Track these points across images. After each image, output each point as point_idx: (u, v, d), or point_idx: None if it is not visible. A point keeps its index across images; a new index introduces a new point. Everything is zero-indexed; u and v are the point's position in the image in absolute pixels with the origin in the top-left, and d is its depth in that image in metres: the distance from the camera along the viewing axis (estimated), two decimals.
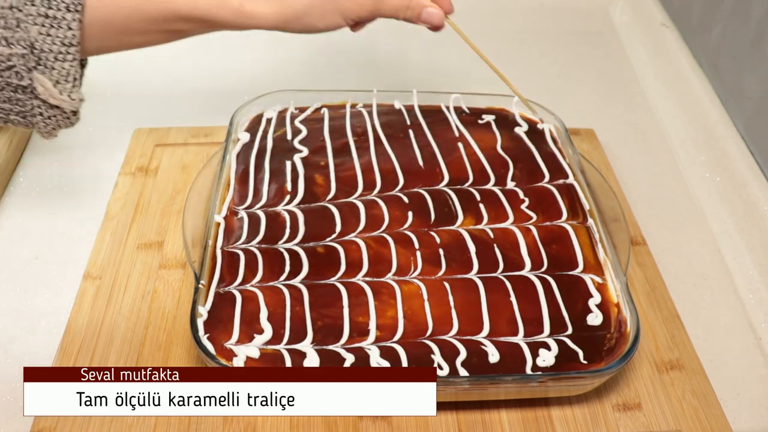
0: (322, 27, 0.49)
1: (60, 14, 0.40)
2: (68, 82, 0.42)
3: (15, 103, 0.42)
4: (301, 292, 0.51)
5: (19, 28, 0.39)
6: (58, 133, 0.46)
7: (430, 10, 0.53)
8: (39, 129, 0.45)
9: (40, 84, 0.41)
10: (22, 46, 0.40)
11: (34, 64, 0.40)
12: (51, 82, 0.41)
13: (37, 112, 0.43)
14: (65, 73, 0.42)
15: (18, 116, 0.43)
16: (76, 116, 0.45)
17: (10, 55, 0.39)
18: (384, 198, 0.58)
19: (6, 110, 0.43)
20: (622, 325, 0.50)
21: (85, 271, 0.58)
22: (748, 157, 0.67)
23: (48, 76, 0.41)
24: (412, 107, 0.69)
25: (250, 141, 0.63)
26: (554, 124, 0.66)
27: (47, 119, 0.44)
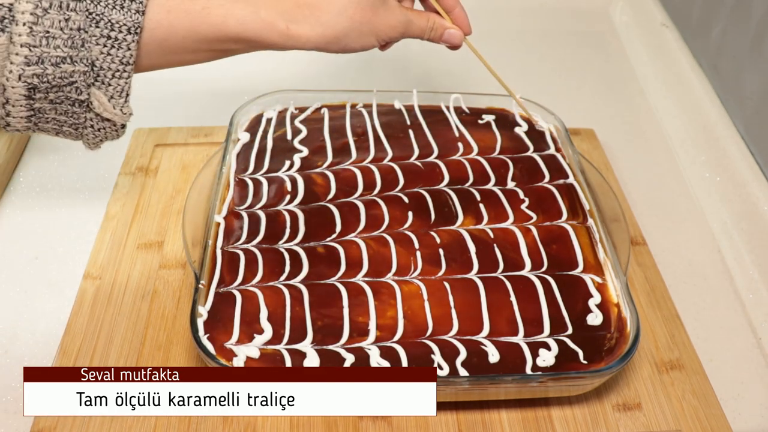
0: (358, 48, 0.52)
1: (121, 36, 0.44)
2: (121, 97, 0.46)
3: (71, 116, 0.46)
4: (301, 292, 0.51)
5: (83, 48, 0.43)
6: (102, 144, 0.49)
7: (451, 32, 0.57)
8: (87, 140, 0.48)
9: (96, 99, 0.45)
10: (84, 63, 0.43)
11: (93, 80, 0.44)
12: (106, 97, 0.45)
13: (89, 125, 0.47)
14: (120, 89, 0.45)
15: (71, 128, 0.47)
16: (123, 129, 0.49)
17: (73, 71, 0.43)
18: (384, 198, 0.58)
19: (61, 122, 0.46)
20: (622, 325, 0.50)
21: (85, 271, 0.58)
22: (748, 157, 0.67)
23: (104, 91, 0.45)
24: (412, 107, 0.69)
25: (250, 141, 0.63)
26: (554, 124, 0.66)
27: (97, 131, 0.48)
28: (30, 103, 0.43)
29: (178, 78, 0.80)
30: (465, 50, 0.61)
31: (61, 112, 0.45)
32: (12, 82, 0.42)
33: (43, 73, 0.42)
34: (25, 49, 0.41)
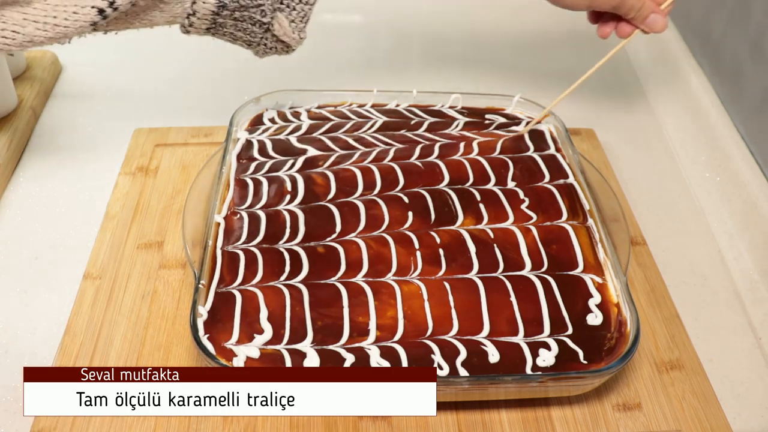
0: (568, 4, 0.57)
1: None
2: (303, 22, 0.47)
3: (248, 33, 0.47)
4: (301, 292, 0.51)
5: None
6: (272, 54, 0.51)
7: (656, 17, 0.59)
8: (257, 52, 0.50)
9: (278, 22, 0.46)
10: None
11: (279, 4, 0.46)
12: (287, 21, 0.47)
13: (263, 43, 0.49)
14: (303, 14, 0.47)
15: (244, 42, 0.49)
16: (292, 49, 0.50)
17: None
18: (384, 198, 0.58)
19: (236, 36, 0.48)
20: (622, 325, 0.50)
21: (85, 271, 0.58)
22: (748, 157, 0.67)
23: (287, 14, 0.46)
24: (412, 107, 0.69)
25: (250, 141, 0.63)
26: (554, 124, 0.66)
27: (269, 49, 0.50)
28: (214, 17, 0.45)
29: (178, 78, 0.81)
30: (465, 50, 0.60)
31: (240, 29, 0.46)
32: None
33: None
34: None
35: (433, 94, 0.69)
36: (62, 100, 0.77)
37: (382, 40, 0.83)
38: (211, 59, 0.83)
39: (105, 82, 0.79)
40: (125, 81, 0.79)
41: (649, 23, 0.59)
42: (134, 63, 0.83)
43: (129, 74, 0.81)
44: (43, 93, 0.75)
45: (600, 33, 0.62)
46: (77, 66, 0.81)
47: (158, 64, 0.81)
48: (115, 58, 0.83)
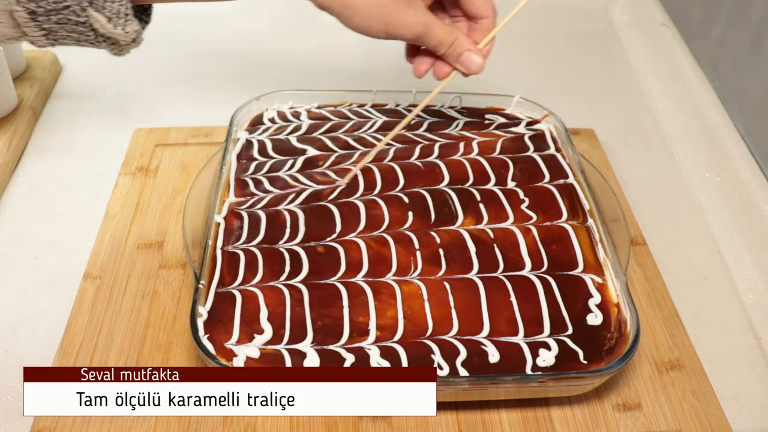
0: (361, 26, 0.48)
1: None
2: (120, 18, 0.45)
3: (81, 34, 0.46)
4: (301, 292, 0.51)
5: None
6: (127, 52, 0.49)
7: (471, 56, 0.53)
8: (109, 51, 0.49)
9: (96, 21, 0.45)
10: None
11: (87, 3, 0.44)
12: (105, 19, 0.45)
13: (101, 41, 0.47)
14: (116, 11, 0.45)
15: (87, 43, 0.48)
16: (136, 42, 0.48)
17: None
18: (384, 198, 0.58)
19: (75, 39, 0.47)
20: (622, 325, 0.50)
21: (85, 271, 0.58)
22: (748, 157, 0.67)
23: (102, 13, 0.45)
24: (412, 107, 0.69)
25: (250, 141, 0.63)
26: (554, 124, 0.66)
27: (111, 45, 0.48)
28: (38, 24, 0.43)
29: (178, 78, 0.81)
30: None
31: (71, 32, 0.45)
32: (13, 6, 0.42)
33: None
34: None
35: None
36: (62, 100, 0.77)
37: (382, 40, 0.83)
38: (211, 59, 0.83)
39: (105, 82, 0.79)
40: (125, 81, 0.79)
41: (464, 62, 0.53)
42: (134, 63, 0.83)
43: (129, 74, 0.81)
44: (43, 93, 0.75)
45: (415, 71, 0.55)
46: (77, 66, 0.81)
47: (158, 64, 0.81)
48: (115, 59, 0.83)
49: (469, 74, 0.54)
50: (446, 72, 0.54)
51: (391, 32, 0.49)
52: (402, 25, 0.49)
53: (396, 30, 0.49)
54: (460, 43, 0.52)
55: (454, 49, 0.52)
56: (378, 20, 0.48)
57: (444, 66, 0.54)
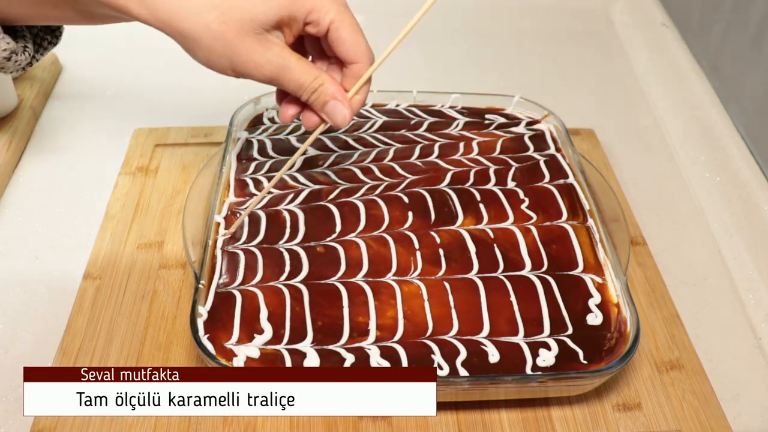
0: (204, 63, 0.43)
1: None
2: None
3: None
4: (301, 292, 0.51)
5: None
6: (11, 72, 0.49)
7: (337, 105, 0.46)
8: None
9: None
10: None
11: None
12: None
13: None
14: None
15: None
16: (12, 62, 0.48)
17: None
18: (384, 198, 0.58)
19: None
20: (622, 325, 0.50)
21: (85, 271, 0.58)
22: (748, 157, 0.67)
23: None
24: (412, 107, 0.69)
25: (250, 141, 0.63)
26: (554, 124, 0.66)
27: None
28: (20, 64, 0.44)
29: (178, 78, 0.81)
30: (465, 50, 0.60)
31: None
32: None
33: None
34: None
35: (433, 94, 0.69)
36: (62, 100, 0.77)
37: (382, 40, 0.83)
38: None
39: (105, 82, 0.79)
40: (125, 81, 0.79)
41: (328, 112, 0.46)
42: (134, 63, 0.83)
43: (129, 74, 0.81)
44: (43, 93, 0.75)
45: (281, 116, 0.49)
46: (77, 66, 0.81)
47: (158, 64, 0.81)
48: (115, 58, 0.83)
49: (336, 128, 0.48)
50: (315, 122, 0.48)
51: (238, 70, 0.43)
52: (250, 64, 0.43)
53: (243, 68, 0.43)
54: (325, 89, 0.45)
55: (318, 96, 0.46)
56: (222, 56, 0.42)
57: (312, 115, 0.48)
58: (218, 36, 0.41)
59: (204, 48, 0.42)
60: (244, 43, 0.42)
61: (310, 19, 0.43)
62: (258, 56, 0.43)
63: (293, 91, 0.46)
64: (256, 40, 0.42)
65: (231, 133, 0.62)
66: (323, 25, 0.44)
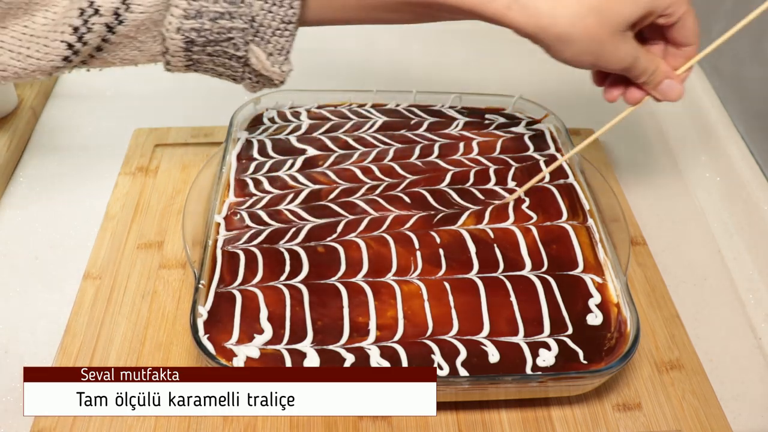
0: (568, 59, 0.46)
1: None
2: (281, 55, 0.44)
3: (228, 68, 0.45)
4: (301, 292, 0.51)
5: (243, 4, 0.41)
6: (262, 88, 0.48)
7: (671, 83, 0.50)
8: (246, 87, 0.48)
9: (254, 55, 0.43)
10: (243, 20, 0.41)
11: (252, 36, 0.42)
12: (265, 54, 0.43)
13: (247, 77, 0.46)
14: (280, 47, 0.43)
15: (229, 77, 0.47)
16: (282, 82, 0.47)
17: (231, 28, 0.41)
18: (385, 198, 0.58)
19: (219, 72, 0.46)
20: (622, 325, 0.50)
21: (85, 271, 0.58)
22: (748, 157, 0.67)
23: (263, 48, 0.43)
24: (412, 107, 0.69)
25: (250, 141, 0.63)
26: (554, 124, 0.66)
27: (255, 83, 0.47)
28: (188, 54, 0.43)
29: (178, 78, 0.80)
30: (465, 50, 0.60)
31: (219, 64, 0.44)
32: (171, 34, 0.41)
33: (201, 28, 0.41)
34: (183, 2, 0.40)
35: (433, 94, 0.69)
36: (62, 100, 0.77)
37: (382, 40, 0.83)
38: None
39: (105, 82, 0.79)
40: (125, 81, 0.79)
41: (663, 90, 0.50)
42: None
43: (129, 74, 0.80)
44: (43, 93, 0.75)
45: (607, 96, 0.53)
46: None
47: (158, 64, 0.81)
48: None
49: (665, 101, 0.51)
50: (638, 97, 0.52)
51: (600, 65, 0.47)
52: (614, 59, 0.47)
53: (606, 63, 0.47)
54: (662, 71, 0.50)
55: (655, 77, 0.50)
56: (590, 54, 0.46)
57: (636, 92, 0.52)
58: (594, 37, 0.44)
59: (577, 49, 0.45)
60: (613, 40, 0.45)
61: (666, 12, 0.47)
62: (621, 51, 0.46)
63: (635, 76, 0.49)
64: (622, 37, 0.46)
65: (231, 133, 0.62)
66: (676, 16, 0.48)
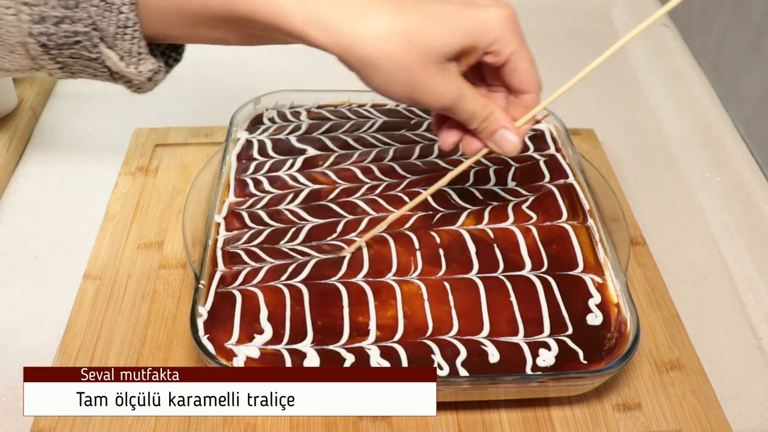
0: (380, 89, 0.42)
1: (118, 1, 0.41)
2: (132, 57, 0.43)
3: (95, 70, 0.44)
4: (302, 292, 0.51)
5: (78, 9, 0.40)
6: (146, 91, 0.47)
7: (507, 135, 0.45)
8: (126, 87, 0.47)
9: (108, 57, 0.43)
10: (83, 24, 0.41)
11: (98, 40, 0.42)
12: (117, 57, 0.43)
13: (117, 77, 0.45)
14: (127, 49, 0.43)
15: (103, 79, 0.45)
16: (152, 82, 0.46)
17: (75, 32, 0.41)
18: (385, 198, 0.58)
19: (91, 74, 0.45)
20: (622, 325, 0.50)
21: (85, 271, 0.58)
22: (748, 157, 0.67)
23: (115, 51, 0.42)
24: (412, 107, 0.69)
25: (250, 141, 0.63)
26: (554, 124, 0.66)
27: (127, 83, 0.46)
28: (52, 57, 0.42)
29: (177, 78, 0.80)
30: None
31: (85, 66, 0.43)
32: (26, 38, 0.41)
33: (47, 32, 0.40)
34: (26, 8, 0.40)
35: None
36: (62, 100, 0.77)
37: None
38: (211, 59, 0.83)
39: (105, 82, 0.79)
40: None
41: (497, 141, 0.45)
42: None
43: None
44: (43, 93, 0.75)
45: (441, 142, 0.48)
46: None
47: None
48: None
49: (503, 154, 0.47)
50: (476, 148, 0.47)
51: (416, 99, 0.42)
52: (429, 93, 0.42)
53: (422, 97, 0.42)
54: (496, 119, 0.45)
55: (488, 126, 0.45)
56: (402, 84, 0.41)
57: (473, 141, 0.47)
58: (401, 65, 0.40)
59: (384, 75, 0.41)
60: (427, 72, 0.41)
61: (492, 50, 0.43)
62: (438, 86, 0.42)
63: (464, 120, 0.45)
64: (437, 69, 0.41)
65: (231, 133, 0.62)
66: (504, 56, 0.43)
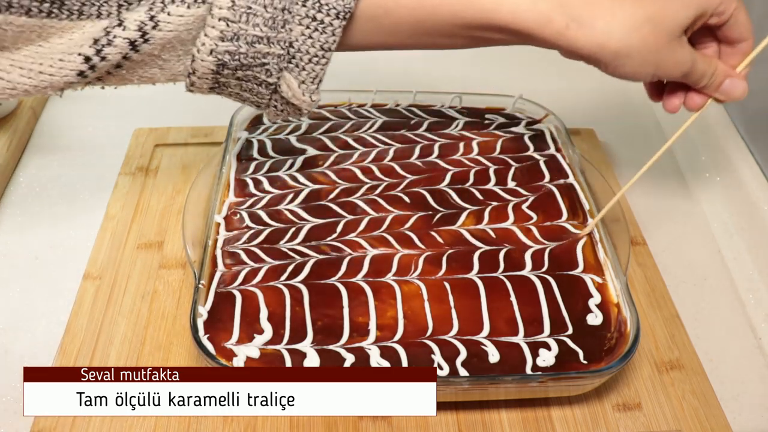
0: (628, 73, 0.45)
1: (328, 19, 0.40)
2: (314, 83, 0.43)
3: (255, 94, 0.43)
4: (302, 292, 0.51)
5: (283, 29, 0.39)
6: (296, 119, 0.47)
7: (734, 82, 0.49)
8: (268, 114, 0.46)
9: (286, 82, 0.42)
10: (281, 46, 0.40)
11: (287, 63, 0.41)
12: (297, 82, 0.42)
13: (273, 105, 0.44)
14: (314, 75, 0.42)
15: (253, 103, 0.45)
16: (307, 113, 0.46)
17: (267, 53, 0.40)
18: (385, 198, 0.58)
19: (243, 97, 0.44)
20: (622, 325, 0.50)
21: (85, 271, 0.58)
22: (748, 158, 0.67)
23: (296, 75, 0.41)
24: (412, 107, 0.69)
25: (250, 141, 0.63)
26: (554, 124, 0.66)
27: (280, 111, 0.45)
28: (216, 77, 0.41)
29: None
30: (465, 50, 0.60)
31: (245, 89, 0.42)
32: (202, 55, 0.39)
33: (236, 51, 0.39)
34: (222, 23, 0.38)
35: (433, 94, 0.69)
36: (62, 100, 0.77)
37: None
38: None
39: None
40: None
41: (726, 90, 0.49)
42: None
43: None
44: None
45: (667, 107, 0.52)
46: None
47: None
48: None
49: (729, 101, 0.50)
50: (700, 103, 0.51)
51: (659, 74, 0.46)
52: (671, 66, 0.46)
53: (664, 71, 0.46)
54: (721, 71, 0.49)
55: (715, 79, 0.49)
56: (650, 64, 0.45)
57: (697, 97, 0.50)
58: (651, 47, 0.43)
59: (636, 60, 0.44)
60: (671, 48, 0.44)
61: (718, 11, 0.46)
62: (679, 56, 0.45)
63: (695, 80, 0.48)
64: (678, 42, 0.45)
65: (231, 133, 0.62)
66: (728, 14, 0.46)
